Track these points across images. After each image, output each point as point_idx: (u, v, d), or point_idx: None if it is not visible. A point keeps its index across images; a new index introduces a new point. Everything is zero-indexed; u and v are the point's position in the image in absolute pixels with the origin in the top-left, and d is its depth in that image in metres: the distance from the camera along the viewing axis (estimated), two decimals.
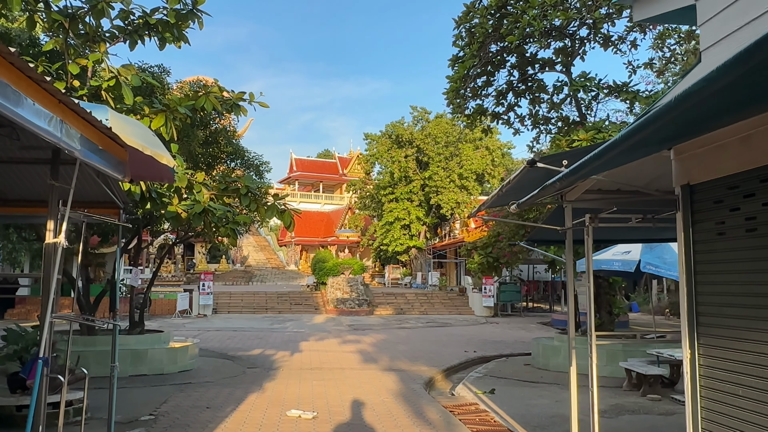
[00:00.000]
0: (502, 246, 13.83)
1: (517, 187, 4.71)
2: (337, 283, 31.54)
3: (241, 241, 59.61)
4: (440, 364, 13.46)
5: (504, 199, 5.14)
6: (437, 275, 38.29)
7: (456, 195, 38.11)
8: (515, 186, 4.67)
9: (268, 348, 15.98)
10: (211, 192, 8.37)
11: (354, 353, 15.07)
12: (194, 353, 11.98)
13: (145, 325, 17.45)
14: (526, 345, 17.67)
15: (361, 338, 18.91)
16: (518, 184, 4.62)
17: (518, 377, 11.72)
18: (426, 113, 42.15)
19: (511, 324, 25.90)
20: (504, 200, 5.24)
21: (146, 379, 10.54)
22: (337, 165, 75.52)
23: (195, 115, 9.04)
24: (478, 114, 15.60)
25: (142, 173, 5.23)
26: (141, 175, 5.30)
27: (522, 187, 4.65)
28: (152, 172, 5.18)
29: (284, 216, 8.39)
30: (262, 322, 25.00)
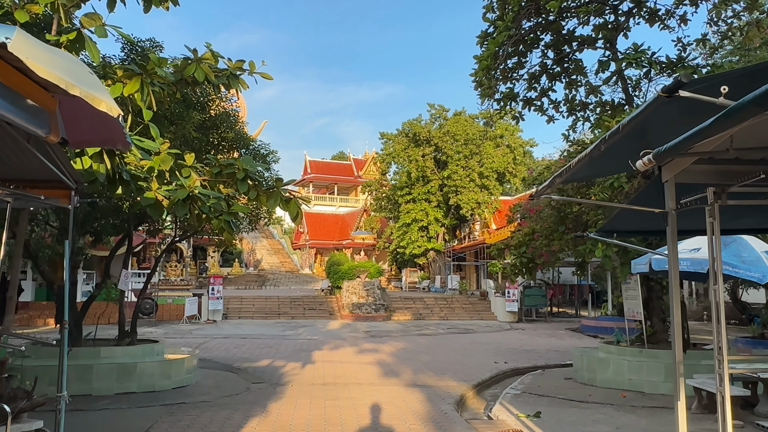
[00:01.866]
0: (538, 245, 12.26)
1: (629, 140, 3.12)
2: (352, 287, 30.08)
3: (255, 244, 58.46)
4: (469, 378, 11.92)
5: (595, 166, 3.61)
6: (457, 279, 36.67)
7: (476, 195, 36.43)
8: (622, 141, 3.07)
9: (277, 358, 14.54)
10: (202, 177, 6.94)
11: (372, 365, 13.58)
12: (192, 366, 10.55)
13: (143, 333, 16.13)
14: (562, 355, 16.08)
15: (379, 347, 17.42)
16: (633, 134, 3.02)
17: (562, 395, 10.15)
18: (444, 111, 40.57)
19: (537, 330, 24.28)
20: (594, 168, 3.71)
21: (134, 398, 9.12)
22: (352, 167, 74.17)
23: (185, 89, 7.60)
24: (509, 99, 14.04)
25: (87, 135, 3.81)
26: (85, 137, 3.88)
27: (636, 138, 3.10)
28: (99, 134, 3.75)
29: (290, 206, 6.91)
30: (274, 328, 23.60)
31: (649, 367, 10.52)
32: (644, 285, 11.67)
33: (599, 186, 10.19)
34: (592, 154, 3.14)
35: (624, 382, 10.64)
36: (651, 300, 11.65)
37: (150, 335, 20.73)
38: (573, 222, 11.51)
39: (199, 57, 7.27)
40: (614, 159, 3.44)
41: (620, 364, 10.81)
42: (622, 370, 10.75)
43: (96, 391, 9.24)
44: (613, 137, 2.89)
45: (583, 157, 3.25)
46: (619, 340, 12.15)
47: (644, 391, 10.32)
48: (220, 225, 6.84)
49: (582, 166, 3.37)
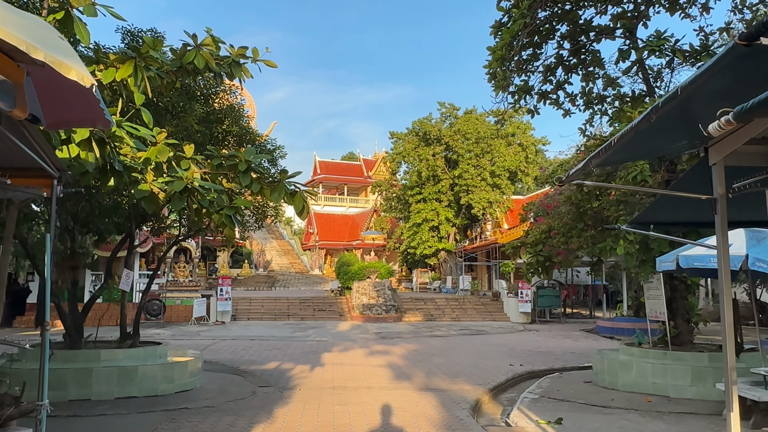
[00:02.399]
0: (556, 243, 11.76)
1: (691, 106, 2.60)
2: (362, 287, 29.65)
3: (264, 245, 58.19)
4: (484, 382, 11.45)
5: (639, 143, 3.10)
6: (468, 279, 36.14)
7: (488, 194, 35.85)
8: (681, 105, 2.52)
9: (285, 361, 14.13)
10: (202, 170, 6.54)
11: (383, 367, 13.13)
12: (196, 369, 10.15)
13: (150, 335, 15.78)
14: (579, 357, 15.56)
15: (390, 349, 16.97)
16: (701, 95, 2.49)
17: (583, 399, 9.65)
18: (455, 109, 40.04)
19: (552, 331, 23.74)
20: (637, 146, 3.21)
21: (134, 403, 8.73)
22: (361, 167, 73.80)
23: (185, 79, 7.18)
24: (523, 92, 13.56)
25: (64, 114, 3.40)
26: (63, 117, 3.46)
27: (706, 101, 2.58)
28: (77, 112, 3.34)
29: (295, 199, 6.48)
30: (283, 329, 23.21)
31: (674, 370, 10.01)
32: (667, 284, 11.15)
33: (621, 180, 9.70)
34: (638, 127, 2.68)
35: (647, 386, 10.14)
36: (675, 300, 11.12)
37: (157, 337, 20.39)
38: (592, 218, 11.01)
39: (199, 43, 6.87)
40: (664, 133, 2.97)
41: (643, 367, 10.30)
42: (645, 373, 10.24)
43: (96, 395, 8.86)
44: (668, 104, 2.43)
45: (627, 132, 2.78)
46: (640, 341, 11.64)
47: (670, 396, 9.81)
48: (221, 220, 6.44)
49: (624, 144, 2.90)
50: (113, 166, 5.34)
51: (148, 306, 25.26)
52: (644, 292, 11.58)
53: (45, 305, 4.22)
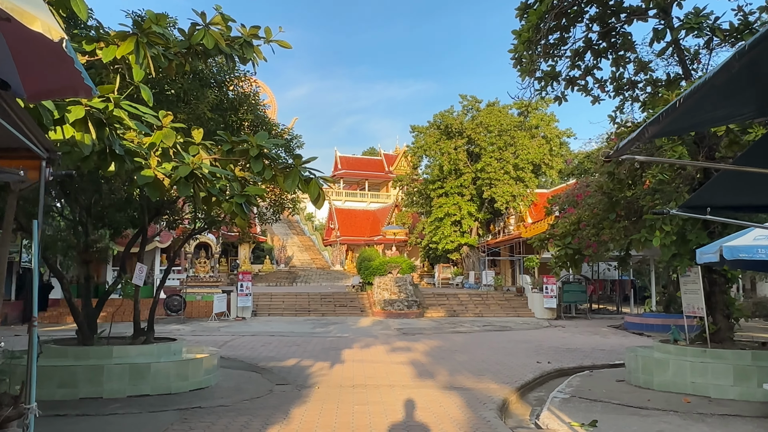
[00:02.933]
0: (585, 234, 11.20)
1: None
2: (384, 283, 29.22)
3: (286, 241, 58.11)
4: (511, 380, 10.95)
5: (711, 102, 2.56)
6: (492, 274, 35.51)
7: (511, 187, 35.15)
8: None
9: (305, 357, 13.76)
10: (212, 156, 6.15)
11: (405, 365, 12.69)
12: (211, 366, 9.81)
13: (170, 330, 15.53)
14: (608, 354, 14.98)
15: (412, 345, 16.52)
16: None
17: (617, 400, 9.11)
18: (477, 102, 39.37)
19: (579, 327, 23.09)
20: (708, 108, 2.68)
21: (146, 402, 8.40)
22: (382, 162, 73.41)
23: (195, 62, 6.78)
24: (550, 78, 12.98)
25: (43, 83, 3.00)
26: (43, 86, 3.07)
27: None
28: (56, 80, 2.94)
29: (310, 186, 6.05)
30: (304, 325, 22.90)
31: (714, 369, 9.41)
32: (705, 278, 10.54)
33: (657, 167, 9.12)
34: (714, 81, 2.18)
35: (686, 386, 9.55)
36: (713, 294, 10.50)
37: (177, 333, 20.22)
38: (625, 209, 10.43)
39: (208, 22, 6.46)
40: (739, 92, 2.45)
41: (681, 366, 9.72)
42: (683, 372, 9.65)
43: (107, 393, 8.56)
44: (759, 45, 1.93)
45: (700, 88, 2.28)
46: (676, 338, 11.04)
47: (710, 396, 9.23)
48: (231, 209, 6.04)
49: (692, 105, 2.40)
50: (112, 149, 4.97)
51: (168, 302, 25.13)
52: (680, 287, 10.97)
53: (32, 300, 3.84)
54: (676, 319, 22.71)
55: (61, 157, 4.97)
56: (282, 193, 12.15)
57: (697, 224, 10.04)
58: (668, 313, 23.29)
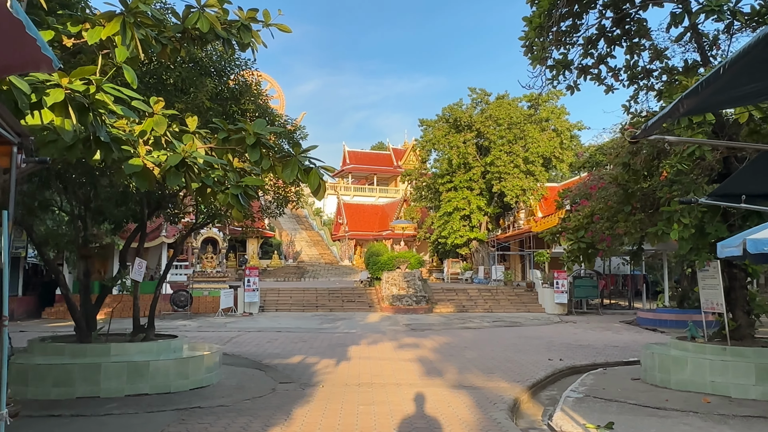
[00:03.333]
0: (599, 228, 10.81)
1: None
2: (392, 278, 28.91)
3: (294, 236, 57.92)
4: (522, 378, 10.61)
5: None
6: (501, 269, 35.08)
7: (521, 181, 34.64)
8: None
9: (311, 354, 13.47)
10: (207, 145, 5.83)
11: (413, 362, 12.37)
12: (212, 364, 9.52)
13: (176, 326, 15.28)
14: (622, 351, 14.60)
15: (420, 341, 16.20)
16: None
17: (634, 400, 8.74)
18: (486, 95, 38.85)
19: (590, 323, 22.68)
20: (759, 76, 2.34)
21: (145, 401, 8.12)
22: (391, 157, 73.02)
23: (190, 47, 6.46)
24: (562, 67, 12.55)
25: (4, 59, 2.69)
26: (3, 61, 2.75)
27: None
28: (16, 54, 2.62)
29: (310, 176, 5.73)
30: (311, 321, 22.64)
31: (735, 367, 9.02)
32: (725, 272, 10.13)
33: (676, 156, 8.72)
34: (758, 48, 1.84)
35: (705, 385, 9.17)
36: (734, 290, 10.10)
37: (183, 328, 20.01)
38: (641, 201, 10.04)
39: (203, 4, 6.15)
40: None
41: (700, 364, 9.33)
42: (702, 370, 9.26)
43: (104, 392, 8.29)
44: None
45: (748, 52, 1.92)
46: (694, 335, 10.64)
47: (731, 396, 8.83)
48: (226, 200, 5.72)
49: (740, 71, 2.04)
50: (97, 136, 4.65)
51: (175, 297, 24.94)
52: (698, 282, 10.56)
53: (2, 296, 3.54)
54: (690, 315, 22.25)
55: (45, 146, 4.69)
56: (286, 186, 11.84)
57: (716, 217, 9.64)
58: (682, 308, 22.83)
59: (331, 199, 67.97)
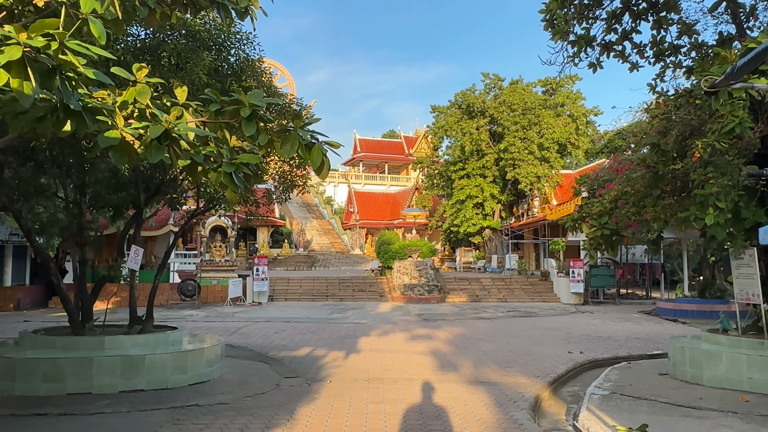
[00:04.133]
0: (624, 213, 10.12)
1: None
2: (404, 267, 28.32)
3: (305, 225, 57.48)
4: (542, 372, 9.99)
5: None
6: (515, 258, 34.35)
7: (536, 168, 33.77)
8: None
9: (319, 346, 12.93)
10: (199, 119, 5.23)
11: (425, 355, 11.79)
12: (214, 357, 8.98)
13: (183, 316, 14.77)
14: (645, 343, 13.96)
15: (433, 332, 15.61)
16: None
17: (665, 397, 8.10)
18: (499, 80, 37.89)
19: (608, 313, 22.00)
20: None
21: (138, 399, 7.59)
22: (402, 145, 72.32)
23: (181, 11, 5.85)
24: (584, 43, 11.82)
25: None
26: None
27: None
28: None
29: (312, 153, 5.10)
30: (321, 311, 22.13)
31: None
32: (762, 261, 9.44)
33: (713, 134, 8.01)
34: None
35: (741, 382, 8.50)
36: None
37: (191, 318, 19.58)
38: (672, 184, 9.33)
39: None
40: None
41: (736, 360, 8.65)
42: (738, 366, 8.59)
43: (97, 388, 7.77)
44: None
45: None
46: (726, 328, 9.95)
47: None
48: (219, 179, 5.12)
49: None
50: (67, 105, 4.06)
51: (182, 286, 24.52)
52: (732, 271, 9.86)
53: None
54: (712, 306, 21.53)
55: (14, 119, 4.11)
56: (292, 169, 11.23)
57: (753, 200, 8.94)
58: (704, 298, 22.08)
59: (342, 187, 67.46)
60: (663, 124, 9.27)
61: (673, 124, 8.96)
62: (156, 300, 25.15)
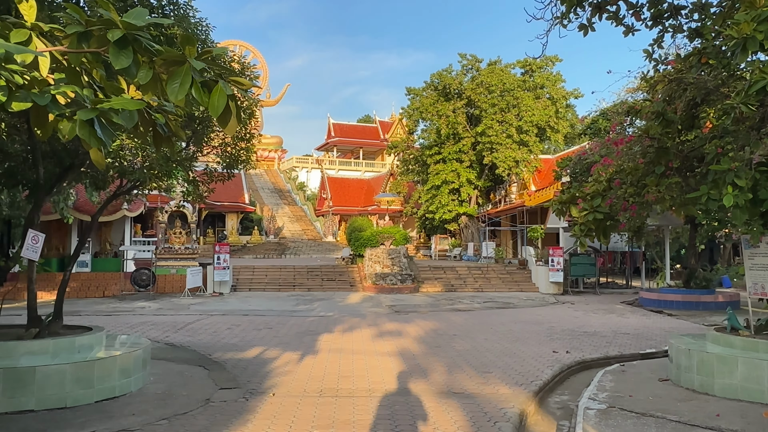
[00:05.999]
0: (620, 195, 8.73)
1: None
2: (375, 255, 26.84)
3: (276, 211, 55.63)
4: (525, 379, 8.60)
5: None
6: (492, 246, 33.06)
7: (514, 152, 32.40)
8: None
9: (273, 345, 11.41)
10: (57, 48, 3.62)
11: (392, 356, 10.32)
12: (131, 365, 7.37)
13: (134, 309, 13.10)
14: (635, 340, 12.70)
15: (403, 328, 14.17)
16: None
17: (674, 413, 6.73)
18: (477, 61, 36.33)
19: (590, 304, 20.79)
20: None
21: (20, 424, 5.98)
22: (378, 130, 70.59)
23: None
24: (575, 2, 10.37)
25: None
26: None
27: None
28: None
29: (213, 96, 3.54)
30: (286, 302, 20.57)
31: None
32: None
33: (737, 96, 6.62)
34: None
35: (762, 394, 7.18)
36: None
37: (140, 311, 17.88)
38: (680, 159, 7.95)
39: None
40: None
41: (755, 366, 7.32)
42: (758, 375, 7.26)
43: None
44: None
45: None
46: (735, 326, 8.62)
47: None
48: (74, 130, 3.52)
49: None
50: None
51: (136, 276, 22.73)
52: (745, 261, 8.53)
53: None
54: (698, 296, 20.44)
55: None
56: (235, 142, 9.59)
57: None
58: (689, 288, 21.01)
59: (315, 173, 65.68)
60: (669, 90, 7.86)
61: (683, 88, 7.54)
62: (108, 291, 23.23)
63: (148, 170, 7.67)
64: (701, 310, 19.51)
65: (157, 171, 7.69)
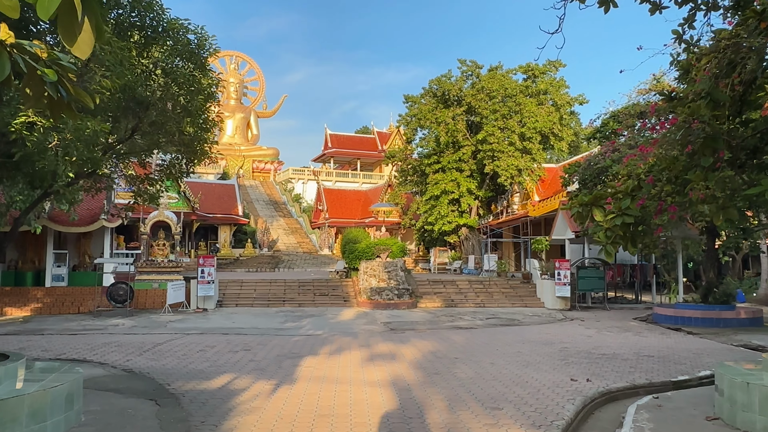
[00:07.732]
0: (655, 194, 7.21)
1: None
2: (371, 268, 25.24)
3: (270, 223, 54.11)
4: (542, 416, 7.04)
5: None
6: (494, 258, 31.47)
7: (516, 160, 30.89)
8: None
9: (246, 372, 9.84)
10: None
11: (383, 387, 8.75)
12: (47, 406, 5.79)
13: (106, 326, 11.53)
14: (662, 364, 11.14)
15: (398, 349, 12.60)
16: None
17: None
18: (477, 67, 34.91)
19: (601, 321, 19.21)
20: None
21: None
22: (375, 141, 69.29)
23: None
24: None
25: None
26: None
27: None
28: None
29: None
30: (273, 319, 18.99)
31: None
32: None
33: None
34: None
35: None
36: None
37: (112, 329, 16.27)
38: (734, 149, 6.46)
39: None
40: None
41: None
42: None
43: None
44: None
45: None
46: None
47: None
48: None
49: None
50: None
51: (112, 291, 21.13)
52: None
53: None
54: (719, 312, 18.85)
55: None
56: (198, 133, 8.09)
57: None
58: (707, 304, 19.46)
59: (311, 184, 64.25)
60: (721, 63, 6.37)
61: (740, 57, 6.05)
62: (83, 307, 21.48)
63: (62, 157, 6.10)
64: (722, 327, 17.93)
65: (75, 158, 6.13)
